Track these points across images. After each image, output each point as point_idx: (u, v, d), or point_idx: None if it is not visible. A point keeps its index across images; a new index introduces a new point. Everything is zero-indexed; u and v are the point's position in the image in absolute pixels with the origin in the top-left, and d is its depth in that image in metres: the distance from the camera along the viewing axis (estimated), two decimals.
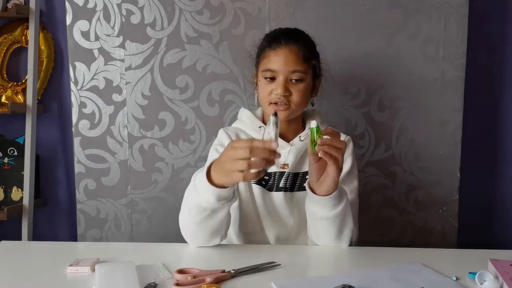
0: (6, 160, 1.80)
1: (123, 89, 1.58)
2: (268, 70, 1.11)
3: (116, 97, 1.59)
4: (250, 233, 1.19)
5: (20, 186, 1.77)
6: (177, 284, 0.79)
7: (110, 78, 1.58)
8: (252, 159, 0.85)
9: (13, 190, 1.79)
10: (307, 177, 1.13)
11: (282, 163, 1.14)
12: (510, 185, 1.80)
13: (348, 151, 1.20)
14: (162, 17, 1.55)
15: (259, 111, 1.25)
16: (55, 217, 1.89)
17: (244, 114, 1.25)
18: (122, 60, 1.57)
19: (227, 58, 1.56)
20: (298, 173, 1.18)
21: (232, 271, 0.85)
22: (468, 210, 1.72)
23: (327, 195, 0.99)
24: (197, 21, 1.55)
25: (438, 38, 1.54)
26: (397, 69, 1.56)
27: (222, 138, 1.21)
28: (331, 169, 0.95)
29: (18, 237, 1.74)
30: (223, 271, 0.84)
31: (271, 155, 0.85)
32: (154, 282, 0.80)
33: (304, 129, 1.21)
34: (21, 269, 0.90)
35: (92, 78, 1.58)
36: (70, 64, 1.58)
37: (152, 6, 1.55)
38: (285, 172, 1.16)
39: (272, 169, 1.16)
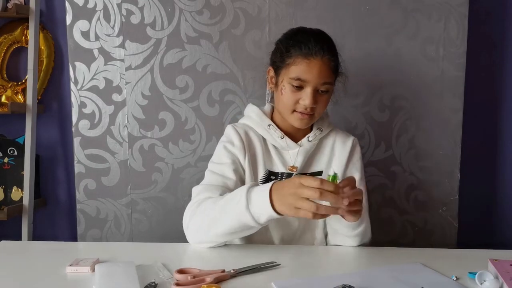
0: (6, 160, 1.80)
1: (123, 89, 1.58)
2: (299, 79, 1.06)
3: (116, 97, 1.59)
4: (255, 234, 1.14)
5: (20, 186, 1.77)
6: (177, 284, 0.79)
7: (110, 78, 1.58)
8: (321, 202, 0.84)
9: (13, 190, 1.79)
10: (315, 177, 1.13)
11: (291, 165, 1.14)
12: (510, 185, 1.80)
13: (357, 155, 1.20)
14: (162, 17, 1.55)
15: (267, 108, 1.22)
16: (55, 217, 1.89)
17: (252, 111, 1.20)
18: (122, 60, 1.57)
19: (227, 58, 1.56)
20: (306, 173, 1.16)
21: (232, 271, 0.85)
22: (468, 210, 1.72)
23: None
24: (197, 21, 1.55)
25: (438, 38, 1.54)
26: (397, 69, 1.56)
27: (231, 135, 1.16)
28: (353, 218, 0.92)
29: (18, 237, 1.74)
30: (223, 271, 0.84)
31: (341, 203, 0.84)
32: (154, 282, 0.80)
33: (312, 129, 1.19)
34: (21, 269, 0.90)
35: (92, 78, 1.58)
36: (70, 64, 1.58)
37: (152, 6, 1.55)
38: (293, 174, 1.15)
39: (280, 169, 1.15)
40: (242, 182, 1.13)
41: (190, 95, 1.58)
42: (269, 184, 0.91)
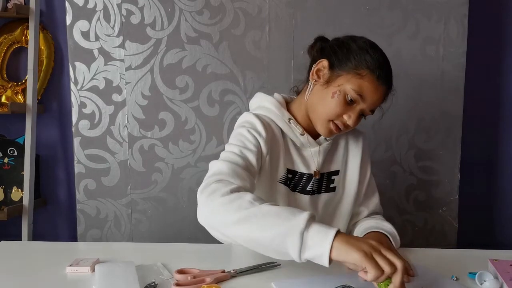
0: (6, 160, 1.80)
1: (123, 89, 1.58)
2: (360, 95, 0.98)
3: (116, 97, 1.59)
4: None
5: (20, 186, 1.77)
6: (177, 285, 0.78)
7: (110, 78, 1.58)
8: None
9: (13, 190, 1.79)
10: (333, 177, 1.12)
11: (317, 169, 1.08)
12: (510, 185, 1.80)
13: (367, 151, 1.17)
14: (162, 17, 1.55)
15: (280, 99, 1.09)
16: (55, 217, 1.89)
17: (269, 102, 1.08)
18: (122, 60, 1.57)
19: (227, 58, 1.56)
20: (324, 174, 1.11)
21: (232, 271, 0.85)
22: (468, 210, 1.72)
23: None
24: (197, 21, 1.55)
25: (438, 38, 1.54)
26: (397, 69, 1.54)
27: (256, 123, 1.02)
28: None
29: (18, 237, 1.74)
30: (223, 271, 0.84)
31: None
32: (154, 282, 0.80)
33: None
34: (21, 269, 0.90)
35: (92, 78, 1.58)
36: (70, 64, 1.58)
37: (152, 6, 1.55)
38: (313, 176, 1.09)
39: (300, 168, 1.07)
40: (256, 175, 1.00)
41: (190, 95, 1.58)
42: (333, 232, 0.73)
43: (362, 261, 0.69)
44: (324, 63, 1.02)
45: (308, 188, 1.09)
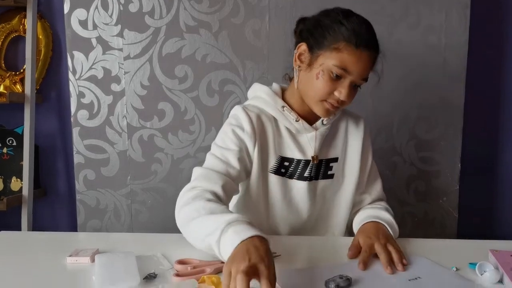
0: (5, 150, 1.79)
1: (121, 79, 1.57)
2: (343, 69, 0.96)
3: (114, 87, 1.57)
4: (258, 225, 1.00)
5: (19, 176, 1.77)
6: (177, 275, 0.78)
7: (108, 68, 1.57)
8: None
9: (12, 180, 1.79)
10: (331, 164, 1.11)
11: (314, 154, 1.07)
12: (511, 176, 1.80)
13: (368, 137, 1.16)
14: (161, 6, 1.53)
15: (276, 88, 1.11)
16: (55, 207, 1.89)
17: (262, 91, 1.09)
18: (121, 50, 1.55)
19: (226, 47, 1.55)
20: (322, 160, 1.10)
21: None
22: (468, 201, 1.72)
23: None
24: (196, 9, 1.53)
25: (439, 27, 1.53)
26: (398, 58, 1.55)
27: (241, 119, 1.05)
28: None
29: (18, 228, 1.74)
30: (223, 262, 0.83)
31: None
32: (154, 273, 0.80)
33: None
34: (20, 260, 0.90)
35: (91, 68, 1.57)
36: (68, 53, 1.56)
37: None
38: (310, 161, 1.08)
39: (295, 155, 1.07)
40: (246, 171, 1.05)
41: (189, 85, 1.57)
42: (249, 234, 0.77)
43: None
44: (303, 47, 1.02)
45: (306, 174, 1.08)
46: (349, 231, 1.18)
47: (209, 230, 0.82)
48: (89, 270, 0.82)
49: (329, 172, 1.12)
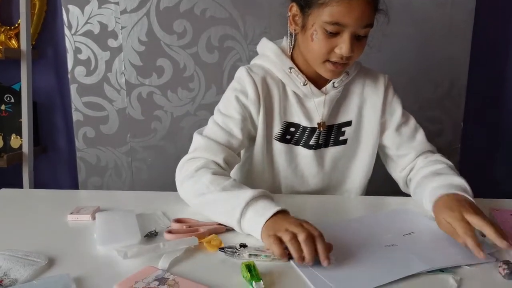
0: (3, 107, 1.78)
1: (118, 34, 1.53)
2: (336, 23, 0.87)
3: (111, 43, 1.53)
4: None
5: (19, 134, 1.76)
6: (169, 232, 0.79)
7: (104, 22, 1.52)
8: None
9: (12, 138, 1.78)
10: (343, 129, 1.05)
11: (321, 121, 1.01)
12: None
13: (391, 93, 1.06)
14: None
15: (285, 44, 1.02)
16: (55, 164, 1.89)
17: (270, 49, 1.02)
18: (117, 3, 1.50)
19: (226, 1, 1.49)
20: (333, 125, 1.04)
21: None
22: (469, 160, 1.71)
23: None
24: None
25: None
26: (405, 15, 1.50)
27: (246, 83, 0.99)
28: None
29: (19, 185, 1.75)
30: (219, 224, 0.83)
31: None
32: (155, 231, 0.81)
33: None
34: (22, 217, 0.90)
35: (86, 22, 1.52)
36: (63, 7, 1.51)
37: None
38: (316, 129, 1.03)
39: (301, 121, 1.01)
40: (249, 139, 1.02)
41: (188, 41, 1.53)
42: (272, 211, 0.75)
43: (270, 247, 0.70)
44: (294, 8, 0.96)
45: (312, 142, 1.03)
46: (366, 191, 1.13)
47: (226, 209, 0.80)
48: (90, 227, 0.83)
49: (341, 138, 1.06)
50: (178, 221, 0.84)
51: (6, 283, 0.62)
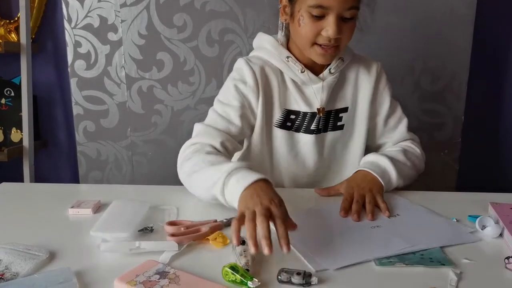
0: (3, 101, 1.78)
1: (118, 28, 1.52)
2: (319, 6, 0.90)
3: (111, 36, 1.53)
4: None
5: (19, 127, 1.76)
6: (172, 235, 0.75)
7: (104, 16, 1.51)
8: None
9: (12, 132, 1.78)
10: (341, 114, 1.08)
11: (320, 106, 1.04)
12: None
13: (383, 81, 1.10)
14: None
15: (281, 38, 1.05)
16: (56, 158, 1.89)
17: (267, 41, 1.05)
18: None
19: None
20: (331, 111, 1.07)
21: (224, 220, 0.82)
22: (469, 154, 1.71)
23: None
24: None
25: None
26: (404, 6, 1.49)
27: (244, 72, 1.02)
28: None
29: (19, 179, 1.75)
30: (215, 220, 0.82)
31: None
32: (152, 227, 0.79)
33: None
34: (22, 211, 0.90)
35: (86, 16, 1.51)
36: (63, 1, 1.51)
37: None
38: (316, 114, 1.05)
39: (301, 107, 1.04)
40: (249, 127, 1.04)
41: (188, 35, 1.52)
42: (251, 179, 0.77)
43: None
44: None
45: (312, 127, 1.06)
46: None
47: (211, 182, 0.83)
48: (91, 221, 0.83)
49: (339, 123, 1.09)
50: (172, 223, 0.80)
51: (7, 277, 0.62)
